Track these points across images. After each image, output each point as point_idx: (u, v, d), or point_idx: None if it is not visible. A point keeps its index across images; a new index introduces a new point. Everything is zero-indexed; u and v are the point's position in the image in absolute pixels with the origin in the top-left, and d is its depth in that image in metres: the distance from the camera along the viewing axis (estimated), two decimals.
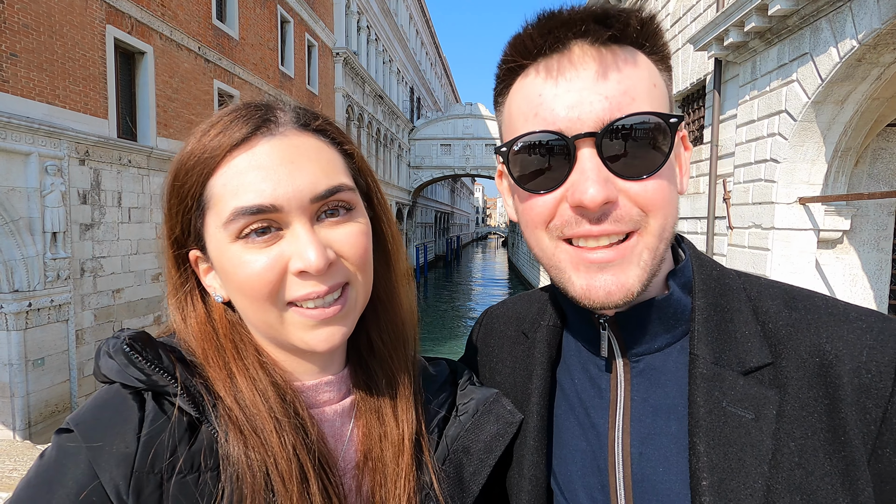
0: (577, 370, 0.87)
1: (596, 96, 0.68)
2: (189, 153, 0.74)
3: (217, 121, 0.74)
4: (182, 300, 0.80)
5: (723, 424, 0.70)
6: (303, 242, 0.70)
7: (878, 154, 7.98)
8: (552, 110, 0.70)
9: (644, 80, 0.70)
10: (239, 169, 0.71)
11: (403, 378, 0.86)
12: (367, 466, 0.81)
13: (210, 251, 0.75)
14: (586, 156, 0.68)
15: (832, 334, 0.71)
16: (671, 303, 0.79)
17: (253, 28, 17.52)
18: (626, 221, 0.70)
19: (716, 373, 0.73)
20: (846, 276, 7.96)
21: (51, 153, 9.58)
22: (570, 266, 0.73)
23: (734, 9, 7.83)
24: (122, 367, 0.69)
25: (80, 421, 0.67)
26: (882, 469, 0.65)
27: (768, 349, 0.73)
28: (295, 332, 0.74)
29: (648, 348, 0.80)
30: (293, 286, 0.72)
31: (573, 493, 0.82)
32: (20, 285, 9.23)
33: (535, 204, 0.74)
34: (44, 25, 9.50)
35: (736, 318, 0.77)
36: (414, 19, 45.02)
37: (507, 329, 1.03)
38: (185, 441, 0.67)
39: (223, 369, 0.74)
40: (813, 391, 0.69)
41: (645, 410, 0.78)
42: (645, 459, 0.76)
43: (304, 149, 0.74)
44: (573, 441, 0.84)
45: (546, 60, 0.71)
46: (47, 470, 0.65)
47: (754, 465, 0.67)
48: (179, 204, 0.75)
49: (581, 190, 0.68)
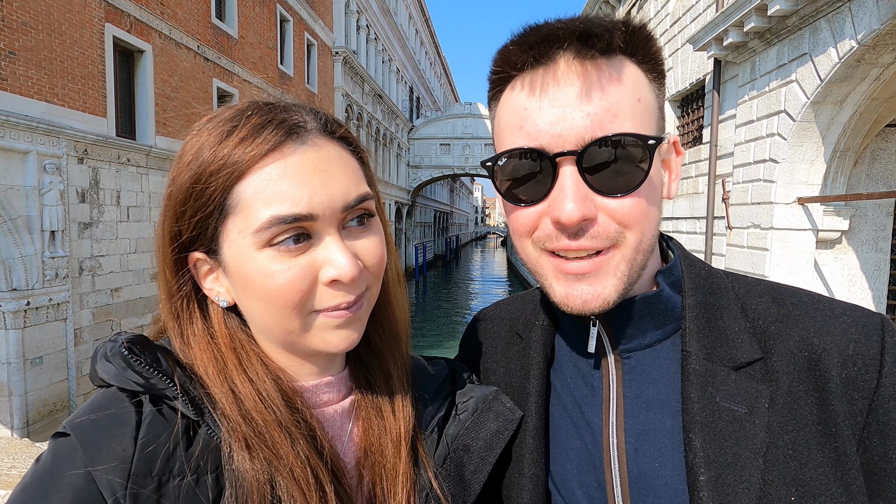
0: (569, 370, 0.89)
1: (578, 113, 0.70)
2: (212, 156, 0.70)
3: (239, 123, 0.71)
4: (178, 306, 0.77)
5: (717, 419, 0.72)
6: (334, 251, 0.71)
7: (877, 154, 7.99)
8: (535, 125, 0.72)
9: (627, 95, 0.71)
10: (271, 176, 0.69)
11: (399, 374, 0.87)
12: (368, 463, 0.81)
13: (227, 256, 0.73)
14: (567, 173, 0.71)
15: (819, 329, 0.74)
16: (660, 299, 0.81)
17: (252, 27, 17.50)
18: (604, 238, 0.72)
19: (708, 368, 0.75)
20: (844, 277, 7.97)
21: (49, 151, 9.56)
22: (552, 274, 0.76)
23: (733, 9, 7.84)
24: (120, 370, 0.68)
25: (77, 425, 0.66)
26: (870, 458, 0.68)
27: (758, 345, 0.76)
28: (317, 334, 0.74)
29: (639, 344, 0.82)
30: (323, 296, 0.72)
31: (570, 491, 0.82)
32: (18, 284, 9.22)
33: (519, 215, 0.77)
34: (42, 23, 9.48)
35: (725, 315, 0.79)
36: (413, 18, 44.99)
37: (501, 330, 1.05)
38: (184, 444, 0.67)
39: (225, 382, 0.73)
40: (803, 385, 0.71)
41: (638, 406, 0.79)
42: (640, 455, 0.77)
43: (333, 158, 0.74)
44: (568, 440, 0.85)
45: (532, 73, 0.73)
46: (43, 474, 0.64)
47: (750, 459, 0.69)
48: (200, 207, 0.71)
49: (559, 207, 0.71)
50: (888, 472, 0.67)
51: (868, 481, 0.67)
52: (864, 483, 0.67)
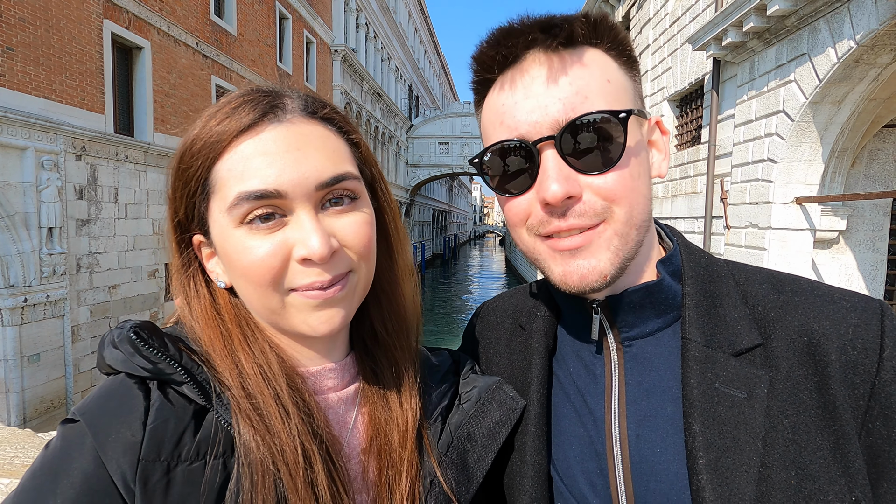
0: (571, 359, 0.90)
1: (550, 100, 0.74)
2: (195, 136, 0.73)
3: (224, 105, 0.74)
4: (186, 284, 0.80)
5: (716, 404, 0.73)
6: (307, 229, 0.70)
7: (875, 155, 8.02)
8: (514, 117, 0.76)
9: (595, 77, 0.75)
10: (245, 154, 0.71)
11: (407, 366, 0.87)
12: (373, 451, 0.82)
13: (213, 236, 0.75)
14: (548, 157, 0.74)
15: (819, 314, 0.75)
16: (662, 288, 0.82)
17: (251, 24, 17.47)
18: (591, 215, 0.75)
19: (708, 355, 0.76)
20: (842, 277, 8.00)
21: (47, 148, 9.54)
22: (548, 256, 0.79)
23: (733, 9, 7.84)
24: (128, 356, 0.69)
25: (86, 410, 0.67)
26: (872, 442, 0.69)
27: (757, 331, 0.77)
28: (297, 315, 0.74)
29: (640, 332, 0.83)
30: (296, 274, 0.72)
31: (572, 478, 0.84)
32: (16, 280, 9.20)
33: (511, 205, 0.81)
34: (40, 19, 9.45)
35: (725, 302, 0.81)
36: (412, 17, 44.94)
37: (504, 322, 1.06)
38: (192, 429, 0.68)
39: (229, 356, 0.74)
40: (802, 369, 0.72)
41: (640, 394, 0.81)
42: (642, 441, 0.78)
43: (310, 136, 0.74)
44: (570, 428, 0.86)
45: (504, 73, 0.78)
46: (53, 459, 0.65)
47: (748, 443, 0.70)
48: (184, 187, 0.75)
49: (544, 188, 0.74)
50: (892, 455, 0.68)
51: (872, 464, 0.68)
52: (864, 465, 0.67)
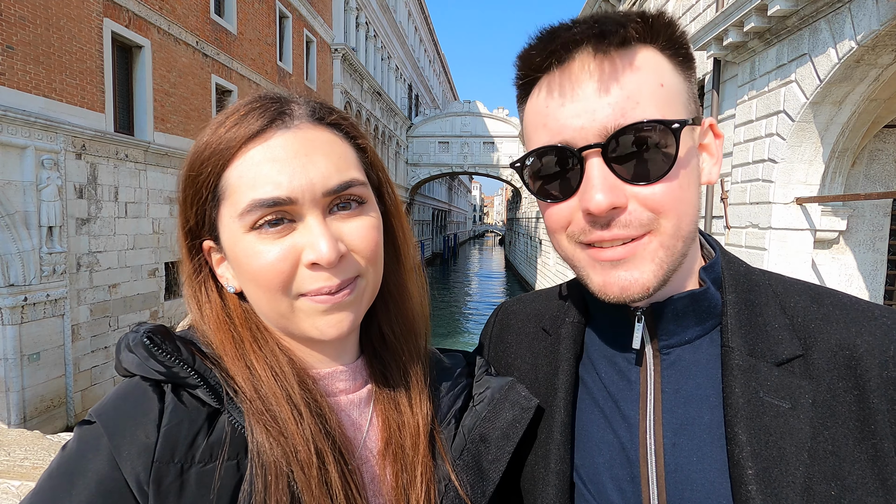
0: (602, 364, 0.89)
1: (598, 105, 0.70)
2: (205, 143, 0.74)
3: (233, 112, 0.75)
4: (197, 290, 0.81)
5: (762, 414, 0.72)
6: (315, 234, 0.71)
7: (875, 155, 8.02)
8: (557, 121, 0.73)
9: (648, 81, 0.71)
10: (254, 161, 0.72)
11: (416, 369, 0.88)
12: (389, 453, 0.82)
13: (224, 241, 0.76)
14: (593, 165, 0.72)
15: (861, 329, 0.74)
16: (707, 297, 0.81)
17: (251, 23, 17.45)
18: (636, 226, 0.72)
19: (751, 364, 0.75)
20: (842, 277, 8.00)
21: (47, 147, 9.54)
22: (588, 265, 0.77)
23: (733, 9, 7.84)
24: (143, 360, 0.70)
25: (102, 412, 0.68)
26: None
27: (798, 342, 0.76)
28: (306, 319, 0.75)
29: (679, 340, 0.82)
30: (305, 279, 0.73)
31: (599, 485, 0.82)
32: (16, 279, 9.20)
33: (552, 212, 0.79)
34: (40, 18, 9.45)
35: (765, 311, 0.80)
36: (413, 16, 44.90)
37: (526, 326, 1.05)
38: (205, 431, 0.69)
39: (241, 359, 0.75)
40: (843, 382, 0.72)
41: (677, 401, 0.79)
42: (678, 449, 0.77)
43: (317, 143, 0.75)
44: (599, 433, 0.85)
45: (551, 74, 0.75)
46: (69, 461, 0.66)
47: (795, 454, 0.69)
48: (195, 195, 0.76)
49: (588, 198, 0.72)
50: None
51: None
52: None
